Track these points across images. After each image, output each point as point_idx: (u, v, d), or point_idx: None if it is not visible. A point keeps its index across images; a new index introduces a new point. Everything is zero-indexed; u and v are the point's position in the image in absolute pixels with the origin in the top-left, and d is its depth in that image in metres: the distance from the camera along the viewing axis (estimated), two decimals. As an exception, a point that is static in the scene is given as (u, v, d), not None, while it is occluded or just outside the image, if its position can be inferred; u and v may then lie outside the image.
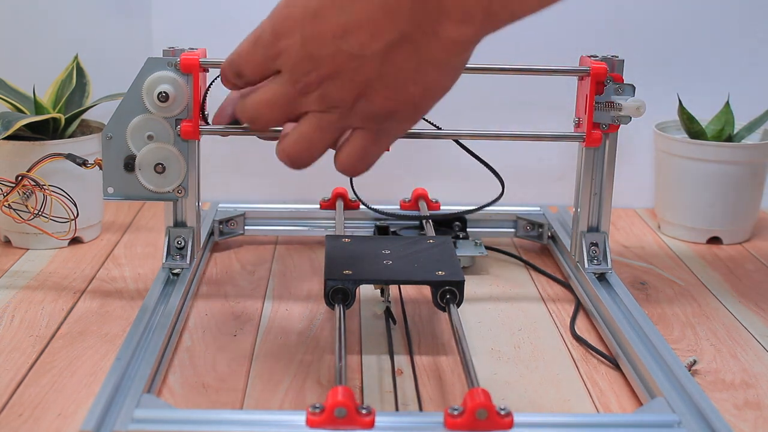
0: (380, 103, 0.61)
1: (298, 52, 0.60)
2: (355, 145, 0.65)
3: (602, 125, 0.84)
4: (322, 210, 1.05)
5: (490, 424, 0.60)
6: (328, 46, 0.59)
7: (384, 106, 0.62)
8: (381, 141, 0.65)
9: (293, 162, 0.66)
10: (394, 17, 0.57)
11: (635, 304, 0.81)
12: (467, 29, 0.57)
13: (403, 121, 0.64)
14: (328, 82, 0.61)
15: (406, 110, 0.62)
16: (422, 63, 0.59)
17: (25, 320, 0.82)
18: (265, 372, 0.74)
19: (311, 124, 0.64)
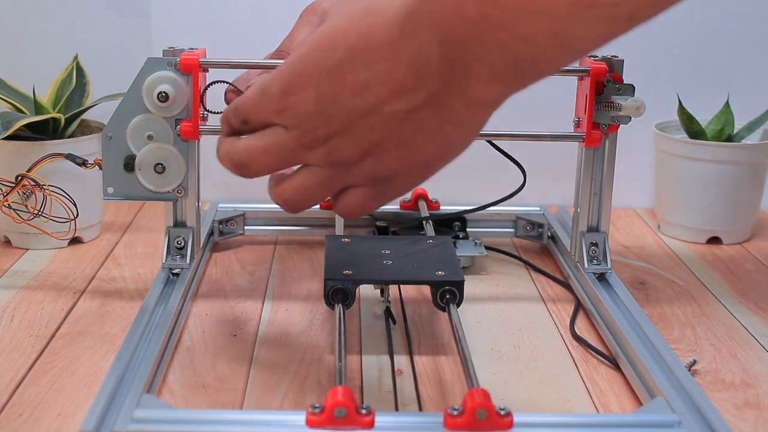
0: (390, 164, 0.58)
1: (309, 108, 0.57)
2: (354, 201, 0.62)
3: (602, 125, 0.84)
4: (322, 210, 1.05)
5: (490, 424, 0.60)
6: (344, 102, 0.55)
7: (393, 167, 0.59)
8: (382, 198, 0.62)
9: (291, 209, 0.63)
10: (420, 78, 0.54)
11: (635, 304, 0.81)
12: (495, 89, 0.54)
13: (410, 181, 0.61)
14: (337, 138, 0.57)
15: (415, 171, 0.59)
16: (444, 123, 0.56)
17: (25, 320, 0.82)
18: (265, 372, 0.74)
19: (312, 177, 0.61)
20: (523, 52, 0.51)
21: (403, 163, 0.58)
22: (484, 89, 0.54)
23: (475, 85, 0.54)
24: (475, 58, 0.52)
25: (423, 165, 0.59)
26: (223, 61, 0.83)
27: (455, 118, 0.56)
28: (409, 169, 0.59)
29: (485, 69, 0.53)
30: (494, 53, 0.51)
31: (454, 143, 0.58)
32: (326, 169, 0.60)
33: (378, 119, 0.56)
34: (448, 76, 0.54)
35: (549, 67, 0.53)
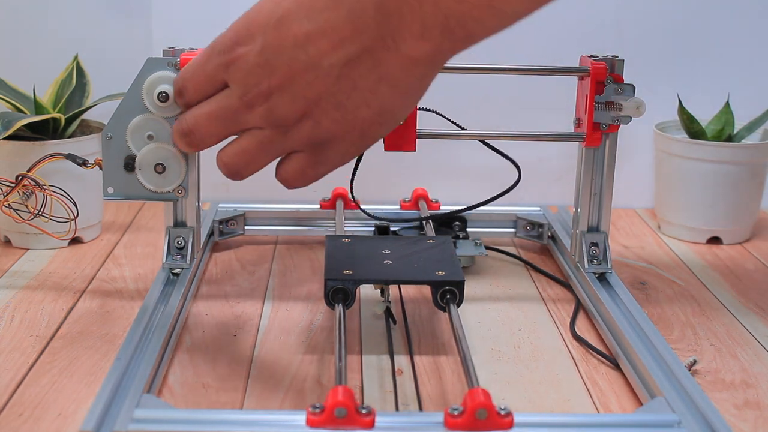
0: (326, 126, 0.60)
1: (254, 59, 0.59)
2: (293, 166, 0.64)
3: (602, 125, 0.84)
4: (322, 210, 1.05)
5: (490, 424, 0.60)
6: (286, 53, 0.58)
7: (329, 129, 0.60)
8: (318, 168, 0.64)
9: (231, 173, 0.65)
10: (358, 27, 0.56)
11: (635, 304, 0.81)
12: (426, 46, 0.56)
13: (346, 149, 0.62)
14: (278, 94, 0.59)
15: (351, 137, 0.61)
16: (379, 81, 0.58)
17: (25, 320, 0.82)
18: (265, 372, 0.74)
19: (252, 140, 0.63)
20: (453, 9, 0.53)
21: (339, 127, 0.60)
22: (416, 45, 0.56)
23: (408, 39, 0.56)
24: (409, 12, 0.54)
25: (358, 131, 0.60)
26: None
27: (389, 76, 0.58)
28: (345, 134, 0.61)
29: (417, 23, 0.55)
30: (426, 7, 0.54)
31: (389, 107, 0.59)
32: (266, 131, 0.62)
33: (316, 74, 0.58)
34: (383, 27, 0.56)
35: (477, 29, 0.55)
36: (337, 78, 0.58)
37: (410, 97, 0.60)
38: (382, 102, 0.59)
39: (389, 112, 0.60)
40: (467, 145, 0.92)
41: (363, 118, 0.60)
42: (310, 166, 0.64)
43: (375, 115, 0.60)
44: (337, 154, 0.63)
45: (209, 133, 0.63)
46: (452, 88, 1.15)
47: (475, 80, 1.13)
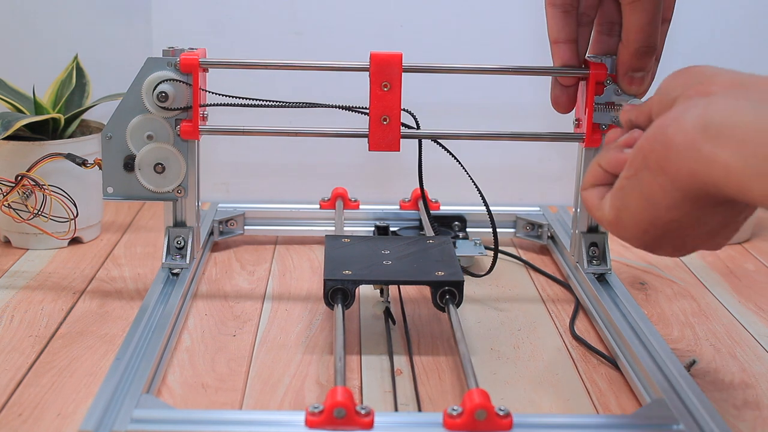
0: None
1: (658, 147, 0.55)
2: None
3: (602, 126, 0.84)
4: (322, 210, 1.05)
5: (490, 425, 0.60)
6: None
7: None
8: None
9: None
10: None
11: (635, 305, 0.81)
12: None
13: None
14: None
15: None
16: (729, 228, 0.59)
17: (25, 320, 0.82)
18: (264, 372, 0.74)
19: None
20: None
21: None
22: None
23: None
24: None
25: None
26: (223, 61, 0.83)
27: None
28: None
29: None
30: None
31: (723, 241, 0.60)
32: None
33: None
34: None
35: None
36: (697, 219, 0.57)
37: None
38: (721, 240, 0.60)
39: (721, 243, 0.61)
40: (467, 146, 0.92)
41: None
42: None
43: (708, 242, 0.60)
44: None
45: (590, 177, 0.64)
46: (452, 88, 1.15)
47: (475, 81, 1.13)
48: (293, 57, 0.92)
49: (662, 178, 0.54)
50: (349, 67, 0.83)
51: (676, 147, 0.52)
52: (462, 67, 0.86)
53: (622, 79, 0.80)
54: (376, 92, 0.81)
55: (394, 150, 0.83)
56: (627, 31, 0.76)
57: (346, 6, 1.13)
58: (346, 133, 0.85)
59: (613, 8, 0.81)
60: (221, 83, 0.85)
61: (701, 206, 0.54)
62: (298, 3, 1.13)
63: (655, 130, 0.54)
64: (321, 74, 1.09)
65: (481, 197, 0.88)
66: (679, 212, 0.55)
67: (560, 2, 0.79)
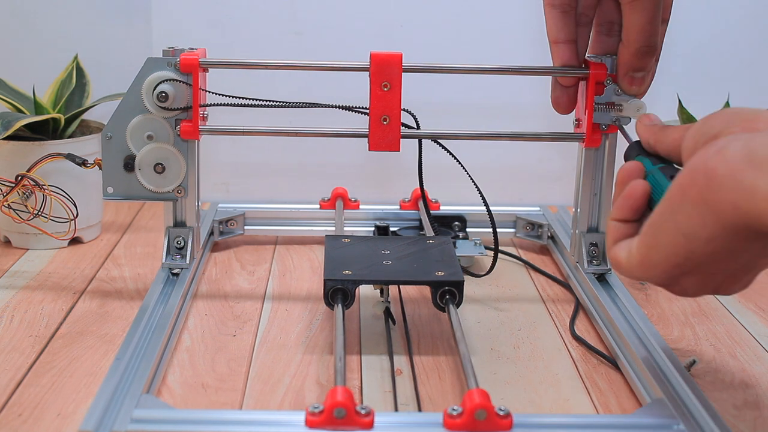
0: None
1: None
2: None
3: (602, 126, 0.84)
4: (322, 210, 1.05)
5: (490, 425, 0.60)
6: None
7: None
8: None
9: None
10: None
11: (635, 305, 0.81)
12: None
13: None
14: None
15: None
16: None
17: (25, 320, 0.82)
18: (264, 372, 0.74)
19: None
20: None
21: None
22: None
23: None
24: None
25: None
26: (223, 61, 0.83)
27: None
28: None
29: None
30: None
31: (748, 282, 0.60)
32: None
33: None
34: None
35: None
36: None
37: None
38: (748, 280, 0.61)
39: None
40: (467, 146, 0.92)
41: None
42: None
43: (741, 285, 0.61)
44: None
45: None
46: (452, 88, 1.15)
47: (475, 81, 1.13)
48: (293, 57, 0.92)
49: (703, 209, 0.53)
50: (349, 67, 0.83)
51: (719, 177, 0.52)
52: (462, 67, 0.86)
53: (622, 80, 0.80)
54: (376, 92, 0.81)
55: (394, 150, 0.83)
56: (627, 31, 0.76)
57: (346, 6, 1.13)
58: (346, 133, 0.85)
59: (611, 8, 0.81)
60: (221, 83, 0.85)
61: (739, 239, 0.53)
62: (298, 3, 1.13)
63: (695, 162, 0.54)
64: (321, 74, 1.09)
65: (481, 197, 0.88)
66: (718, 245, 0.54)
67: (559, 2, 0.79)
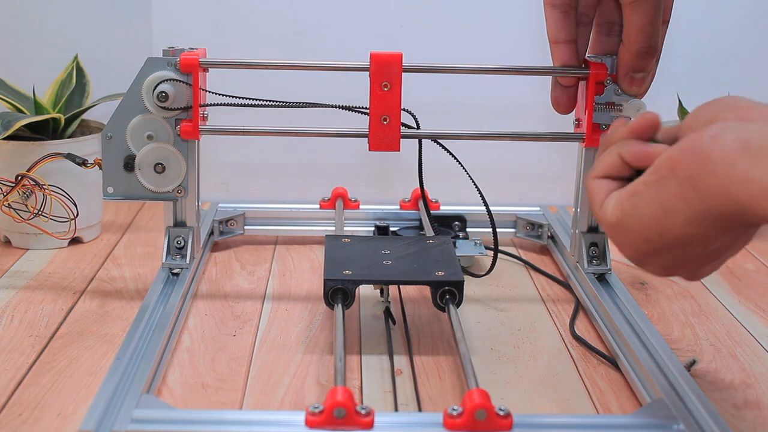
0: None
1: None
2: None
3: (602, 126, 0.84)
4: (322, 210, 1.05)
5: (490, 425, 0.60)
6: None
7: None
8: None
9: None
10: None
11: (635, 304, 0.81)
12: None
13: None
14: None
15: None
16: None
17: (25, 320, 0.82)
18: (264, 372, 0.74)
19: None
20: None
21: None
22: None
23: None
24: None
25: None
26: (223, 61, 0.83)
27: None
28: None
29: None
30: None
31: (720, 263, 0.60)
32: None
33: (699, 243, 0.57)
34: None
35: None
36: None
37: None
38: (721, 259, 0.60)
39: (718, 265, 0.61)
40: (467, 146, 0.92)
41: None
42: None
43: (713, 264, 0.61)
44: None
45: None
46: (452, 88, 1.15)
47: (475, 81, 1.13)
48: (293, 57, 0.92)
49: (689, 190, 0.53)
50: (349, 67, 0.83)
51: (713, 162, 0.52)
52: (462, 67, 0.86)
53: (622, 80, 0.80)
54: (376, 92, 0.81)
55: (394, 150, 0.83)
56: (628, 32, 0.76)
57: (346, 6, 1.13)
58: (346, 133, 0.85)
59: (612, 8, 0.81)
60: (221, 83, 0.85)
61: (719, 225, 0.53)
62: (298, 3, 1.13)
63: (689, 142, 0.54)
64: (321, 74, 1.09)
65: (481, 197, 0.88)
66: (695, 228, 0.54)
67: (559, 2, 0.79)
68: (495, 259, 0.89)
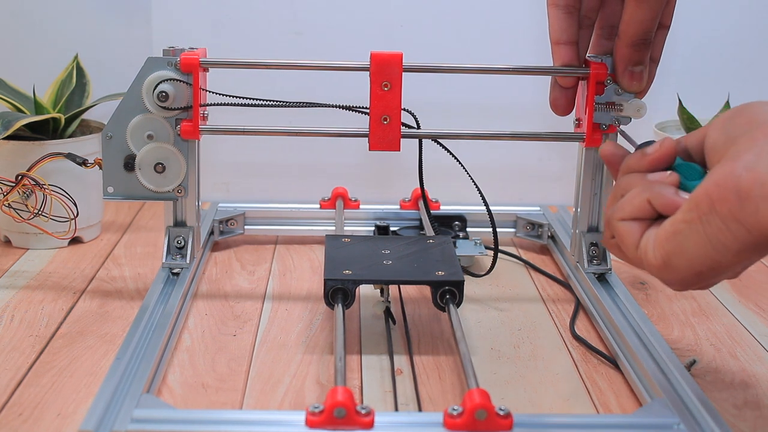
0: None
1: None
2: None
3: (602, 125, 0.84)
4: (322, 210, 1.05)
5: (490, 425, 0.60)
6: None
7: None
8: None
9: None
10: None
11: (635, 304, 0.81)
12: None
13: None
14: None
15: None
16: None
17: (25, 320, 0.82)
18: (264, 372, 0.74)
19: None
20: None
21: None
22: None
23: None
24: None
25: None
26: (223, 61, 0.83)
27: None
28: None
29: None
30: None
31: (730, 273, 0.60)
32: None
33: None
34: None
35: None
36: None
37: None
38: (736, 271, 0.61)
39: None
40: (467, 145, 0.92)
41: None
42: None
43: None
44: None
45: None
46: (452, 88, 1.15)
47: (475, 81, 1.13)
48: (293, 57, 0.92)
49: (735, 225, 0.53)
50: (349, 67, 0.83)
51: (754, 199, 0.52)
52: (462, 67, 0.86)
53: (622, 76, 0.80)
54: (376, 92, 0.81)
55: (395, 150, 0.83)
56: (626, 24, 0.76)
57: (346, 6, 1.13)
58: (346, 133, 0.85)
59: (614, 11, 0.81)
60: (221, 83, 0.85)
61: (763, 249, 0.54)
62: (298, 3, 1.13)
63: (725, 177, 0.54)
64: (321, 74, 1.09)
65: (481, 197, 0.88)
66: (744, 256, 0.55)
67: (563, 3, 0.79)
68: (495, 259, 0.89)
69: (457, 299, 0.76)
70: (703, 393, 0.66)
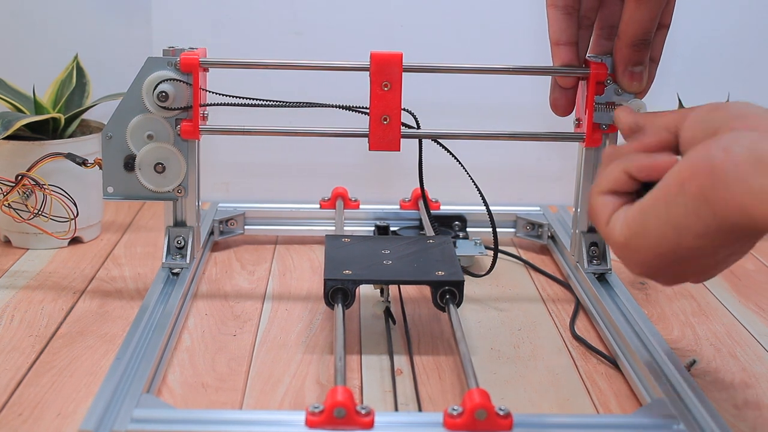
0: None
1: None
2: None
3: (602, 125, 0.84)
4: (322, 210, 1.05)
5: (490, 425, 0.60)
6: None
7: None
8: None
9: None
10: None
11: (635, 304, 0.81)
12: None
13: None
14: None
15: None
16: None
17: (25, 320, 0.82)
18: (264, 372, 0.74)
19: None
20: None
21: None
22: None
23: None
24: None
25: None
26: (223, 61, 0.83)
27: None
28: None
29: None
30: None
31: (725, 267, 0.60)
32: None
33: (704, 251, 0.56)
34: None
35: None
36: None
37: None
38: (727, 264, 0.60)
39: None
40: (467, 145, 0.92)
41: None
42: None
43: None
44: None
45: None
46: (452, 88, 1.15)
47: (475, 81, 1.13)
48: (293, 57, 0.92)
49: (701, 204, 0.53)
50: (349, 67, 0.83)
51: (726, 178, 0.51)
52: (462, 67, 0.86)
53: (622, 76, 0.80)
54: (376, 92, 0.81)
55: (395, 150, 0.83)
56: (626, 24, 0.76)
57: (346, 6, 1.13)
58: (346, 133, 0.85)
59: (613, 12, 0.81)
60: (221, 83, 0.85)
61: (731, 237, 0.53)
62: (298, 3, 1.13)
63: (699, 157, 0.53)
64: (321, 74, 1.09)
65: (481, 197, 0.88)
66: (706, 241, 0.54)
67: (562, 4, 0.79)
68: (495, 259, 0.89)
69: (457, 299, 0.76)
70: (703, 393, 0.66)
